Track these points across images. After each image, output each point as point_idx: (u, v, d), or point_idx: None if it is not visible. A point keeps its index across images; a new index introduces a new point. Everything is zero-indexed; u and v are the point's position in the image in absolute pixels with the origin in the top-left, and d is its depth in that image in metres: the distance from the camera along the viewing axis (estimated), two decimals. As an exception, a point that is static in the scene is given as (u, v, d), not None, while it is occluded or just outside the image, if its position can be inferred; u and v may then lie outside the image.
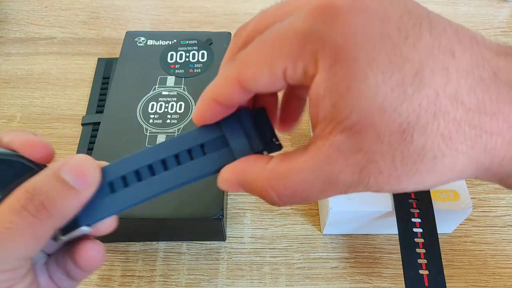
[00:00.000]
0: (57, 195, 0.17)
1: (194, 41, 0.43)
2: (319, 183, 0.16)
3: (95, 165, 0.18)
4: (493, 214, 0.37)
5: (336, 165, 0.16)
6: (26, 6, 0.55)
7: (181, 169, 0.20)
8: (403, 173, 0.15)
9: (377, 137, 0.15)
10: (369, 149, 0.15)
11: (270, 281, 0.33)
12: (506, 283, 0.33)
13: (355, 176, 0.16)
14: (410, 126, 0.15)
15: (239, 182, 0.19)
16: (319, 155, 0.16)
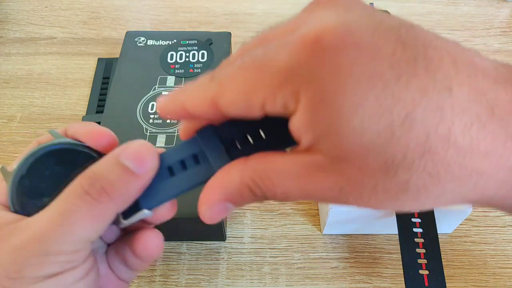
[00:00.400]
0: (118, 179, 0.18)
1: (194, 41, 0.43)
2: (297, 191, 0.16)
3: (154, 150, 0.19)
4: (493, 214, 0.37)
5: (315, 179, 0.16)
6: (26, 6, 0.55)
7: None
8: (384, 199, 0.15)
9: (359, 168, 0.15)
10: (350, 176, 0.15)
11: (270, 281, 0.33)
12: (506, 283, 0.33)
13: (334, 193, 0.16)
14: (395, 163, 0.14)
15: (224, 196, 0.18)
16: (298, 163, 0.16)
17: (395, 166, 0.14)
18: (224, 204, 0.18)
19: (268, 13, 0.54)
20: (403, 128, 0.14)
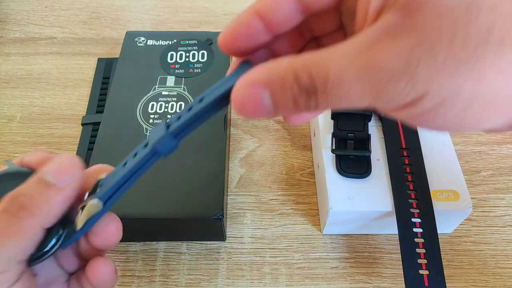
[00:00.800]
0: (38, 194, 0.18)
1: (194, 41, 0.43)
2: (355, 69, 0.14)
3: (77, 162, 0.19)
4: (493, 214, 0.37)
5: (380, 47, 0.13)
6: (26, 6, 0.55)
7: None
8: (461, 59, 0.13)
9: (436, 12, 0.13)
10: (424, 27, 0.13)
11: (270, 281, 0.33)
12: (506, 283, 0.33)
13: (401, 59, 0.13)
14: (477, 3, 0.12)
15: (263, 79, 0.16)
16: (361, 39, 0.14)
17: (476, 5, 0.12)
18: (261, 90, 0.15)
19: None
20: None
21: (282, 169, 0.39)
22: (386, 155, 0.34)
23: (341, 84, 0.14)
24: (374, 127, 0.36)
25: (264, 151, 0.41)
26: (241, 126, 0.42)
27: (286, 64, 0.15)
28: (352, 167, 0.33)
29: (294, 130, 0.42)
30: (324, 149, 0.35)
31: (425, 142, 0.35)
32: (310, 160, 0.40)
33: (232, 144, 0.41)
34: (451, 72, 0.13)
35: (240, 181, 0.38)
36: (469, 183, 0.38)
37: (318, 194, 0.37)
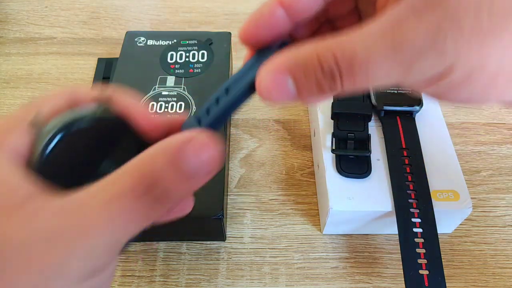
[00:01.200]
0: (174, 187, 0.16)
1: (194, 41, 0.43)
2: (383, 48, 0.14)
3: (218, 149, 0.16)
4: (493, 214, 0.37)
5: (407, 25, 0.14)
6: (26, 6, 0.55)
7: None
8: (487, 31, 0.13)
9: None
10: (449, 2, 0.13)
11: (270, 281, 0.33)
12: (506, 283, 0.33)
13: (429, 35, 0.13)
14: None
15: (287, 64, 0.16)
16: (386, 18, 0.14)
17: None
18: (285, 76, 0.16)
19: (268, 13, 0.53)
20: None
21: (282, 169, 0.39)
22: (386, 155, 0.34)
23: (369, 64, 0.15)
24: (374, 127, 0.36)
25: (264, 151, 0.41)
26: (241, 126, 0.42)
27: (310, 49, 0.15)
28: (352, 167, 0.33)
29: (294, 130, 0.42)
30: (324, 149, 0.35)
31: (425, 142, 0.35)
32: (310, 160, 0.40)
33: (232, 144, 0.41)
34: (477, 44, 0.14)
35: (240, 181, 0.38)
36: (469, 183, 0.38)
37: (318, 194, 0.37)
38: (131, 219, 0.16)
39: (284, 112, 0.44)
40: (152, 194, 0.16)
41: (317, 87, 0.16)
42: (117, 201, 0.15)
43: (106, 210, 0.15)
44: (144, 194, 0.15)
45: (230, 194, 0.37)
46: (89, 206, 0.15)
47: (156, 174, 0.16)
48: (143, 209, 0.16)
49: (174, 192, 0.16)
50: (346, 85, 0.15)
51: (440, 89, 0.16)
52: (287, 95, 0.16)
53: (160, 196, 0.16)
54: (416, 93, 0.18)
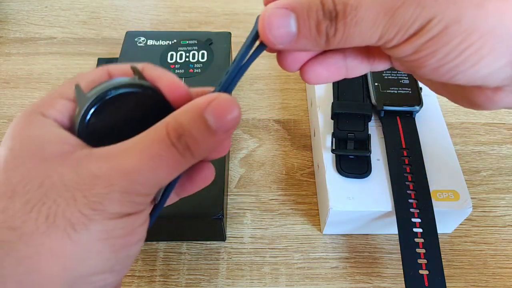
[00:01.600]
0: (200, 137, 0.18)
1: (194, 41, 0.43)
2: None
3: (238, 109, 0.18)
4: (493, 214, 0.37)
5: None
6: (26, 6, 0.55)
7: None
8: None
9: None
10: None
11: (270, 281, 0.33)
12: (506, 283, 0.33)
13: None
14: None
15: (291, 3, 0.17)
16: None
17: None
18: (288, 12, 0.17)
19: (268, 13, 0.53)
20: None
21: (282, 169, 0.39)
22: (386, 155, 0.34)
23: (358, 7, 0.17)
24: (374, 127, 0.36)
25: (264, 151, 0.41)
26: (241, 126, 0.42)
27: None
28: (352, 167, 0.33)
29: (294, 130, 0.42)
30: (324, 149, 0.35)
31: (425, 142, 0.35)
32: (310, 160, 0.40)
33: (232, 144, 0.41)
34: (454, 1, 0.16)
35: (240, 181, 0.38)
36: (469, 183, 0.38)
37: (318, 194, 0.37)
38: (165, 164, 0.17)
39: (284, 112, 0.44)
40: (182, 142, 0.18)
41: (316, 28, 0.18)
42: (152, 147, 0.17)
43: (143, 154, 0.17)
44: (176, 141, 0.17)
45: (230, 194, 0.37)
46: (129, 152, 0.17)
47: (186, 126, 0.18)
48: (175, 155, 0.18)
49: (200, 144, 0.18)
50: (338, 31, 0.17)
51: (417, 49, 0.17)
52: (287, 34, 0.18)
53: (189, 145, 0.18)
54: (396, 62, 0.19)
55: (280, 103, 0.45)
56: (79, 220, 0.16)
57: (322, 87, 0.39)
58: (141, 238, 0.19)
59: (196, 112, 0.18)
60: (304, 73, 0.21)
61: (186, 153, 0.18)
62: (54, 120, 0.19)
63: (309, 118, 0.43)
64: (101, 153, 0.17)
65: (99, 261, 0.17)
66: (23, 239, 0.16)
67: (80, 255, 0.16)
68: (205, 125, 0.17)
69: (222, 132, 0.18)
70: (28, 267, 0.16)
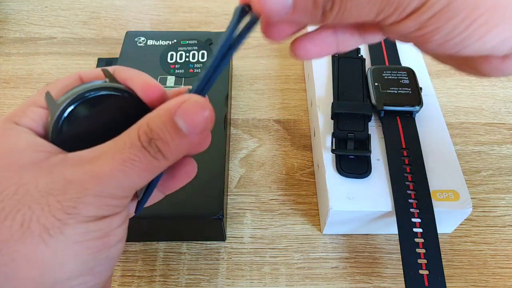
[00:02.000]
0: (171, 141, 0.18)
1: (194, 41, 0.43)
2: None
3: (209, 110, 0.18)
4: (493, 214, 0.37)
5: None
6: (26, 6, 0.55)
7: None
8: None
9: None
10: None
11: (270, 281, 0.33)
12: (506, 283, 0.33)
13: None
14: None
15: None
16: None
17: None
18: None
19: (268, 13, 0.53)
20: None
21: (282, 169, 0.39)
22: (386, 155, 0.34)
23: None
24: (374, 127, 0.36)
25: (264, 151, 0.41)
26: (241, 126, 0.42)
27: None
28: (352, 167, 0.33)
29: (294, 130, 0.42)
30: (324, 149, 0.35)
31: (425, 142, 0.35)
32: (310, 160, 0.40)
33: (232, 144, 0.41)
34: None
35: (240, 181, 0.38)
36: (469, 183, 0.38)
37: (318, 194, 0.37)
38: (137, 167, 0.18)
39: (284, 112, 0.44)
40: (154, 145, 0.18)
41: (312, 1, 0.17)
42: (124, 151, 0.18)
43: (115, 159, 0.17)
44: (147, 144, 0.18)
45: (230, 194, 0.37)
46: (102, 156, 0.18)
47: (156, 130, 0.18)
48: (147, 159, 0.18)
49: (172, 147, 0.18)
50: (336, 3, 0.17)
51: (420, 25, 0.17)
52: (284, 6, 0.17)
53: (161, 147, 0.18)
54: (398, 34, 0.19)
55: (280, 103, 0.45)
56: (53, 225, 0.16)
57: (322, 87, 0.39)
58: (120, 239, 0.19)
59: (166, 115, 0.18)
60: (295, 50, 0.21)
61: (158, 156, 0.18)
62: (28, 128, 0.19)
63: (309, 118, 0.43)
64: (75, 158, 0.18)
65: (76, 265, 0.17)
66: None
67: (56, 260, 0.16)
68: (175, 128, 0.18)
69: (193, 134, 0.18)
70: (5, 275, 0.16)
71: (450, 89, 0.46)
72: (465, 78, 0.47)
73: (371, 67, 0.39)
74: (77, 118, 0.19)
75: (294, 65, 0.48)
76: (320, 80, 0.40)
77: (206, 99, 0.19)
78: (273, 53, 0.50)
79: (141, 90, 0.20)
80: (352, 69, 0.39)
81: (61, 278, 0.17)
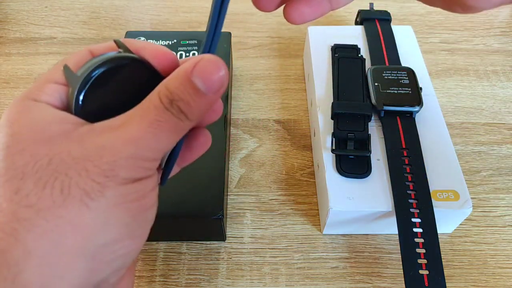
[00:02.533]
0: (191, 100, 0.18)
1: (194, 41, 0.43)
2: None
3: (224, 68, 0.19)
4: (493, 214, 0.37)
5: None
6: (26, 6, 0.55)
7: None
8: None
9: None
10: None
11: (270, 281, 0.33)
12: (506, 283, 0.33)
13: None
14: None
15: None
16: None
17: None
18: None
19: (268, 13, 0.54)
20: None
21: (282, 169, 0.39)
22: (386, 155, 0.34)
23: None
24: (374, 127, 0.36)
25: (264, 151, 0.41)
26: (241, 126, 0.42)
27: None
28: (352, 167, 0.33)
29: (294, 130, 0.42)
30: (324, 149, 0.35)
31: (425, 142, 0.35)
32: (310, 160, 0.40)
33: (232, 144, 0.41)
34: None
35: (240, 181, 0.38)
36: (469, 183, 0.38)
37: (318, 194, 0.37)
38: (164, 128, 0.18)
39: (284, 112, 0.44)
40: (176, 106, 0.18)
41: None
42: (149, 114, 0.18)
43: (143, 122, 0.18)
44: (170, 106, 0.18)
45: (230, 194, 0.37)
46: (129, 121, 0.18)
47: (176, 91, 0.18)
48: (172, 119, 0.18)
49: (193, 106, 0.18)
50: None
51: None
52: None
53: (182, 108, 0.18)
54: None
55: (280, 103, 0.45)
56: (93, 188, 0.16)
57: (322, 87, 0.39)
58: (154, 203, 0.20)
59: (184, 76, 0.18)
60: (288, 15, 0.22)
61: (181, 116, 0.18)
62: (47, 103, 0.19)
63: (309, 118, 0.43)
64: (103, 127, 0.18)
65: (119, 227, 0.17)
66: (41, 215, 0.16)
67: (99, 223, 0.17)
68: (194, 88, 0.18)
69: (212, 92, 0.18)
70: (50, 241, 0.16)
71: (450, 89, 0.46)
72: (465, 78, 0.47)
73: (371, 67, 0.39)
74: (97, 90, 0.19)
75: (294, 65, 0.48)
76: (320, 80, 0.40)
77: (218, 58, 0.19)
78: (273, 53, 0.50)
79: (154, 58, 0.20)
80: (352, 69, 0.39)
81: (105, 242, 0.17)
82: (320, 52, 0.42)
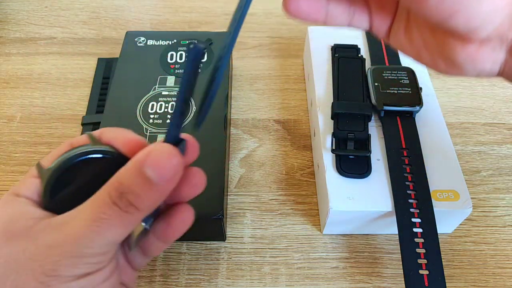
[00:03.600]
0: (142, 192, 0.18)
1: (194, 41, 0.43)
2: None
3: (177, 156, 0.19)
4: (493, 214, 0.37)
5: None
6: (26, 6, 0.55)
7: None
8: None
9: None
10: None
11: (270, 281, 0.33)
12: (506, 283, 0.33)
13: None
14: None
15: None
16: None
17: None
18: None
19: (268, 13, 0.54)
20: None
21: (282, 169, 0.39)
22: (386, 155, 0.34)
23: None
24: (374, 127, 0.36)
25: (264, 151, 0.41)
26: (241, 126, 0.42)
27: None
28: (352, 167, 0.33)
29: (294, 130, 0.42)
30: (324, 149, 0.35)
31: (425, 142, 0.35)
32: (310, 160, 0.40)
33: (232, 144, 0.41)
34: None
35: (240, 181, 0.38)
36: (469, 183, 0.38)
37: (318, 194, 0.37)
38: (109, 224, 0.18)
39: (284, 112, 0.44)
40: (125, 199, 0.18)
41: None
42: (94, 210, 0.19)
43: (87, 219, 0.18)
44: (118, 200, 0.18)
45: (230, 194, 0.37)
46: (77, 217, 0.19)
47: (127, 183, 0.18)
48: (117, 214, 0.18)
49: (143, 198, 0.19)
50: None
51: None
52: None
53: (132, 200, 0.18)
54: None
55: (280, 103, 0.45)
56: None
57: (322, 87, 0.39)
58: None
59: (135, 167, 0.18)
60: (287, 3, 0.22)
61: (130, 209, 0.19)
62: (26, 198, 0.20)
63: (309, 118, 0.43)
64: (57, 222, 0.19)
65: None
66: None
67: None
68: (144, 179, 0.18)
69: (164, 181, 0.18)
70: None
71: (450, 89, 0.46)
72: (465, 78, 0.47)
73: (371, 67, 0.39)
74: (64, 182, 0.20)
75: (294, 65, 0.48)
76: (320, 80, 0.40)
77: (173, 147, 0.19)
78: (273, 53, 0.50)
79: (124, 146, 0.21)
80: (352, 69, 0.39)
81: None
82: (320, 52, 0.42)
